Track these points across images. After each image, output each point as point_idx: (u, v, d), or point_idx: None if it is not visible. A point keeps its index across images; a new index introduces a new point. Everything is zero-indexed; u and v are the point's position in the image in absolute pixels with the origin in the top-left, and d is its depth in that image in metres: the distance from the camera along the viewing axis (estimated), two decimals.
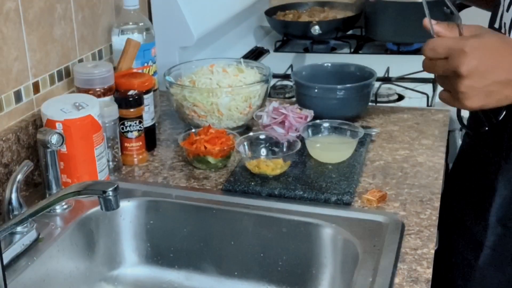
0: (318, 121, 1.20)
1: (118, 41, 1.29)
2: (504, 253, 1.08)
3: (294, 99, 1.57)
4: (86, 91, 1.13)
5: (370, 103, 1.38)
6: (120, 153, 1.16)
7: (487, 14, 1.10)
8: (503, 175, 1.06)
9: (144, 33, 1.30)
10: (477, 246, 1.10)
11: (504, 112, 0.95)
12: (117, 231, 1.07)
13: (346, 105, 1.31)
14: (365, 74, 1.35)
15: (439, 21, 0.89)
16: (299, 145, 1.12)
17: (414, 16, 1.79)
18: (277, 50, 2.00)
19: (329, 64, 1.43)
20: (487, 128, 1.00)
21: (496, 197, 1.07)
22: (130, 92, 1.16)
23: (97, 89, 1.13)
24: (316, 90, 1.30)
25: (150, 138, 1.23)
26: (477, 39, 0.85)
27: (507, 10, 1.01)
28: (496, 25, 1.04)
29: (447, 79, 0.86)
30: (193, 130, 1.20)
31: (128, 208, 1.06)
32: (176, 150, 1.25)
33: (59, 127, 1.00)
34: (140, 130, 1.17)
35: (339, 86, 1.29)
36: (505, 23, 1.01)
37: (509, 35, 0.99)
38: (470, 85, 0.83)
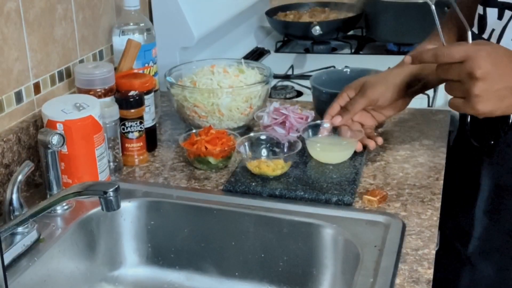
0: (318, 121, 1.20)
1: (119, 41, 1.29)
2: (491, 243, 1.13)
3: (295, 99, 1.57)
4: (87, 91, 1.13)
5: None
6: (121, 154, 1.16)
7: None
8: (486, 170, 1.10)
9: (145, 33, 1.30)
10: (466, 237, 1.15)
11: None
12: (117, 231, 1.07)
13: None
14: None
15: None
16: (300, 145, 1.12)
17: (415, 16, 1.81)
18: (277, 50, 2.00)
19: (348, 70, 1.38)
20: (492, 142, 1.05)
21: (481, 191, 1.11)
22: (131, 93, 1.16)
23: (98, 90, 1.13)
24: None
25: (151, 138, 1.23)
26: (490, 46, 0.89)
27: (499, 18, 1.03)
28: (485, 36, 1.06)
29: (458, 85, 0.89)
30: (194, 131, 1.20)
31: (129, 208, 1.06)
32: (177, 150, 1.25)
33: (59, 127, 1.00)
34: (141, 130, 1.17)
35: None
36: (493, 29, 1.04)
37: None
38: (484, 88, 0.86)
